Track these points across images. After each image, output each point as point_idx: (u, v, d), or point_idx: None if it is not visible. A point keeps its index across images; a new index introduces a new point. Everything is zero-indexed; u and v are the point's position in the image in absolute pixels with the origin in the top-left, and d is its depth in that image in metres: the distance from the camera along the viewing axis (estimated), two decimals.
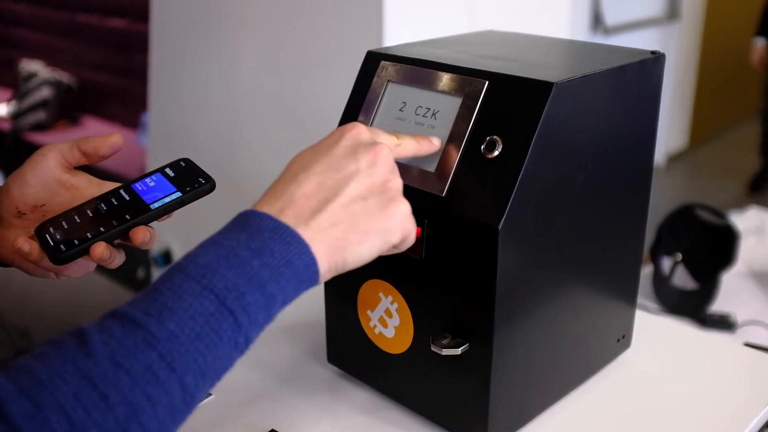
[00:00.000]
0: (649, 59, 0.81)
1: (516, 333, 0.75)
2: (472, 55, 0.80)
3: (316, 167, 0.62)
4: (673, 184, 4.28)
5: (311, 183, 0.60)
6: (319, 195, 0.60)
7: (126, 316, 0.52)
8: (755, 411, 0.85)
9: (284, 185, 0.61)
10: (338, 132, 0.65)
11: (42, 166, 0.74)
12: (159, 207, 0.71)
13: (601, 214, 0.82)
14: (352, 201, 0.60)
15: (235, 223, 0.59)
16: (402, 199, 0.63)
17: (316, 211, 0.59)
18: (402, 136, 0.70)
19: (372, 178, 0.62)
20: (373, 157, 0.62)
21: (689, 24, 4.32)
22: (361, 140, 0.64)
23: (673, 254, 1.76)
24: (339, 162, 0.62)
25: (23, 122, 4.00)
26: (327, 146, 0.63)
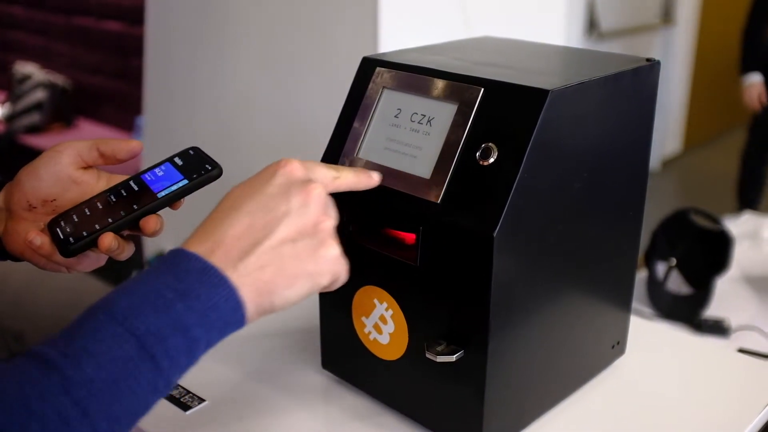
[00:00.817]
0: (644, 66, 0.81)
1: (511, 340, 0.75)
2: (467, 62, 0.80)
3: (246, 206, 0.60)
4: (667, 189, 4.29)
5: (241, 224, 0.59)
6: (249, 236, 0.59)
7: (44, 358, 0.51)
8: (750, 417, 0.85)
9: (215, 224, 0.60)
10: (272, 168, 0.63)
11: (56, 162, 0.75)
12: (166, 195, 0.71)
13: (597, 222, 0.82)
14: (282, 244, 0.59)
15: (164, 261, 0.58)
16: (332, 242, 0.62)
17: (244, 254, 0.58)
18: (341, 169, 0.69)
19: (303, 219, 0.61)
20: (305, 198, 0.61)
21: (684, 29, 4.33)
22: (294, 178, 0.62)
23: (667, 259, 1.76)
24: (270, 202, 0.61)
25: (17, 125, 3.99)
26: (259, 183, 0.62)
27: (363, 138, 0.79)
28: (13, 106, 4.06)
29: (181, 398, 0.87)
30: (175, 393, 0.87)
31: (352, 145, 0.80)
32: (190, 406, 0.86)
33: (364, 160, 0.78)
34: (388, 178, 0.76)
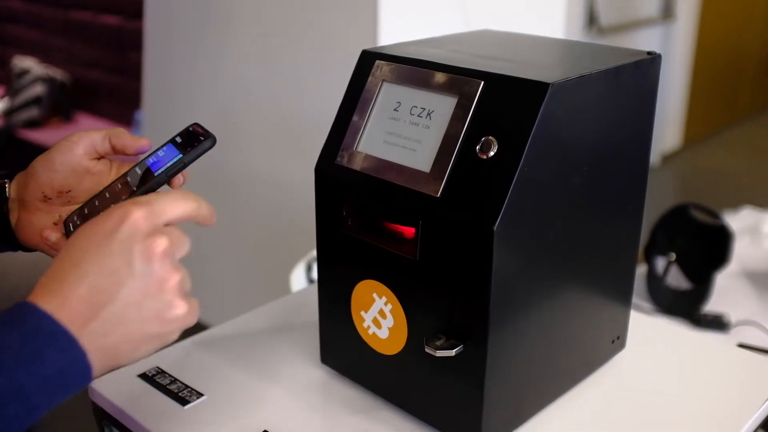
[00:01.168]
0: (646, 60, 0.80)
1: (511, 334, 0.74)
2: (467, 55, 0.80)
3: (89, 265, 0.57)
4: (667, 184, 4.28)
5: (84, 284, 0.56)
6: (93, 299, 0.56)
7: None
8: (750, 412, 0.85)
9: (62, 276, 0.57)
10: (114, 219, 0.58)
11: (71, 153, 0.75)
12: (162, 172, 0.72)
13: (597, 216, 0.81)
14: (126, 308, 0.57)
15: (11, 318, 0.55)
16: (179, 301, 0.60)
17: (89, 319, 0.56)
18: (200, 200, 0.64)
19: (146, 281, 0.58)
20: (149, 257, 0.58)
21: (684, 24, 4.31)
22: (137, 232, 0.58)
23: (667, 254, 1.75)
24: (112, 262, 0.57)
25: (16, 119, 3.98)
26: (103, 236, 0.58)
27: (362, 131, 0.79)
28: (11, 100, 4.05)
29: (179, 393, 0.86)
30: (173, 388, 0.87)
31: (351, 139, 0.79)
32: (189, 400, 0.85)
33: (363, 153, 0.78)
34: (387, 171, 0.75)
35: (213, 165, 2.51)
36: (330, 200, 0.81)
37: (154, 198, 0.60)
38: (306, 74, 2.16)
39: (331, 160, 0.80)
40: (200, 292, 2.46)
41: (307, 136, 2.15)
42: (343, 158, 0.79)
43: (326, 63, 2.09)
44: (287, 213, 2.28)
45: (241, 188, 2.44)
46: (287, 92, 2.23)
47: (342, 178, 0.79)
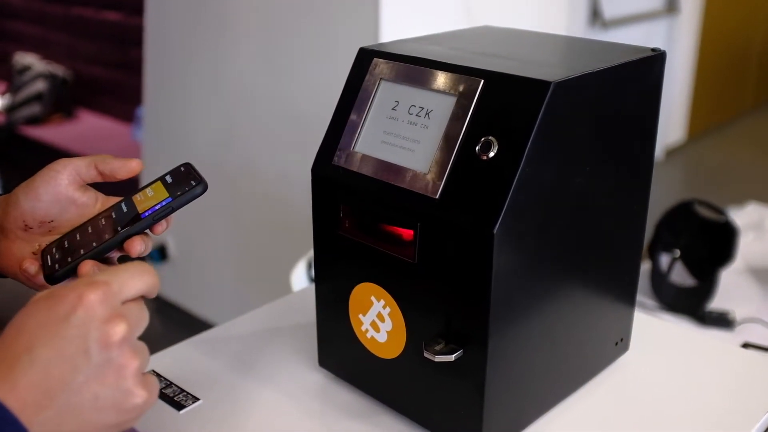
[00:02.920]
0: (650, 57, 0.79)
1: (511, 338, 0.73)
2: (467, 53, 0.78)
3: (42, 350, 0.52)
4: (671, 179, 4.26)
5: (36, 371, 0.52)
6: (46, 386, 0.52)
7: None
8: (757, 416, 0.83)
9: (12, 359, 0.52)
10: (70, 302, 0.54)
11: (56, 183, 0.72)
12: (149, 215, 0.70)
13: (600, 217, 0.80)
14: (82, 397, 0.53)
15: None
16: (138, 390, 0.55)
17: (41, 407, 0.52)
18: (155, 273, 0.60)
19: (104, 369, 0.54)
20: (106, 344, 0.53)
21: (688, 18, 4.29)
22: (94, 318, 0.54)
23: (671, 251, 1.74)
24: (67, 348, 0.53)
25: (17, 115, 3.97)
26: (57, 319, 0.53)
27: (360, 131, 0.77)
28: (13, 97, 4.04)
29: (174, 397, 0.85)
30: (168, 392, 0.86)
31: (348, 139, 0.78)
32: (184, 405, 0.84)
33: (360, 153, 0.76)
34: (385, 172, 0.74)
35: (215, 160, 2.50)
36: (327, 202, 0.80)
37: (111, 277, 0.56)
38: (307, 71, 2.15)
39: (327, 160, 0.79)
40: (201, 291, 2.47)
41: (308, 133, 2.14)
42: (340, 159, 0.78)
43: (328, 59, 2.08)
44: (288, 211, 2.27)
45: (241, 185, 2.43)
46: (289, 89, 2.21)
47: (339, 179, 0.77)
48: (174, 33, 2.56)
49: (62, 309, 0.54)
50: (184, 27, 2.51)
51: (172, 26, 2.56)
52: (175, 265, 2.77)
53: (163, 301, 2.87)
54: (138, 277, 0.58)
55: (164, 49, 2.61)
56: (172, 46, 2.58)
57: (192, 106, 2.55)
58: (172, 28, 2.56)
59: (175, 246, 2.74)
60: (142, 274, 0.58)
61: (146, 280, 0.58)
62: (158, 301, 2.89)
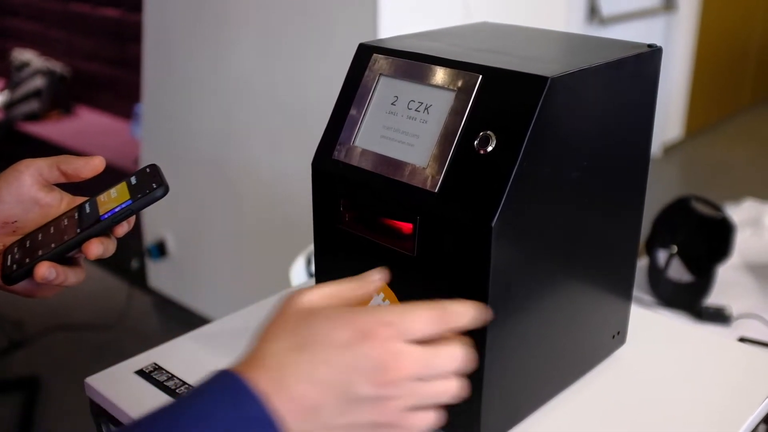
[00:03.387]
0: (646, 53, 0.80)
1: (509, 331, 0.74)
2: (465, 48, 0.79)
3: (324, 370, 0.52)
4: (668, 176, 4.27)
5: (314, 388, 0.52)
6: (315, 404, 0.52)
7: None
8: (752, 408, 0.84)
9: (288, 368, 0.53)
10: (360, 331, 0.53)
11: (18, 183, 0.73)
12: (108, 218, 0.69)
13: (597, 211, 0.80)
14: (338, 423, 0.53)
15: (229, 393, 0.52)
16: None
17: (305, 422, 0.52)
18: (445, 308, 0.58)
19: (366, 405, 0.53)
20: (378, 382, 0.53)
21: (686, 15, 4.30)
22: (375, 357, 0.53)
23: (668, 247, 1.75)
24: (344, 375, 0.53)
25: (16, 112, 3.98)
26: (341, 345, 0.53)
27: (359, 126, 0.78)
28: (11, 93, 4.04)
29: (176, 389, 0.86)
30: (170, 384, 0.86)
31: (348, 134, 0.78)
32: None
33: (360, 148, 0.77)
34: (384, 166, 0.75)
35: (214, 156, 2.51)
36: (327, 196, 0.80)
37: (398, 317, 0.55)
38: (306, 67, 2.15)
39: (327, 155, 0.79)
40: (199, 287, 2.47)
41: (307, 129, 2.14)
42: (340, 153, 0.78)
43: (327, 56, 2.08)
44: (287, 206, 2.28)
45: (240, 181, 2.43)
46: (287, 85, 2.22)
47: (339, 173, 0.78)
48: (173, 29, 2.56)
49: (345, 335, 0.53)
50: (182, 23, 2.51)
51: (170, 23, 2.56)
52: (173, 262, 2.78)
53: (162, 297, 2.88)
54: (428, 322, 0.56)
55: (163, 46, 2.62)
56: (171, 42, 2.58)
57: (191, 102, 2.56)
58: (171, 25, 2.56)
59: (173, 242, 2.74)
60: (431, 320, 0.56)
61: (435, 324, 0.56)
62: (157, 298, 2.90)
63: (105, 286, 2.99)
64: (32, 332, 2.71)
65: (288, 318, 0.55)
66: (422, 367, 0.55)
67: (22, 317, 2.76)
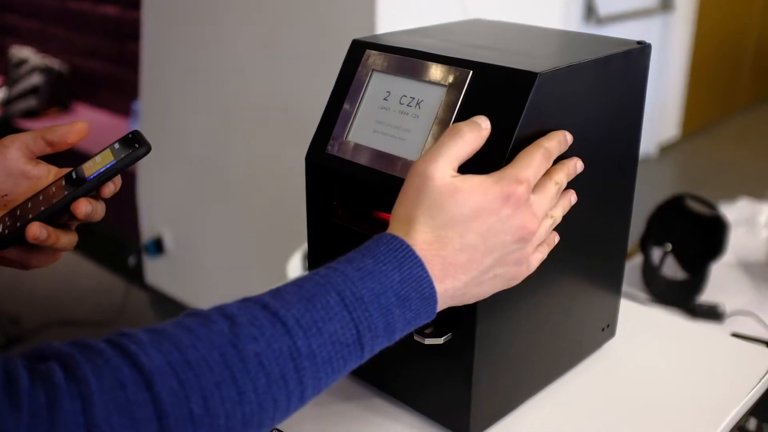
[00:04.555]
0: (635, 49, 0.81)
1: (499, 322, 0.75)
2: (457, 44, 0.80)
3: (472, 237, 0.63)
4: (665, 175, 4.29)
5: (463, 254, 0.63)
6: (465, 265, 0.63)
7: (278, 316, 0.55)
8: (738, 399, 0.85)
9: (443, 240, 0.63)
10: (504, 194, 0.64)
11: (4, 158, 0.74)
12: (94, 177, 0.71)
13: (585, 204, 0.81)
14: (485, 277, 0.65)
15: (392, 253, 0.61)
16: (525, 271, 0.69)
17: (455, 280, 0.63)
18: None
19: (510, 256, 0.66)
20: (521, 237, 0.65)
21: (683, 14, 4.31)
22: (518, 216, 0.65)
23: (662, 244, 1.76)
24: (491, 239, 0.64)
25: (14, 109, 3.98)
26: (489, 212, 0.64)
27: (352, 121, 0.79)
28: (9, 90, 4.05)
29: None
30: None
31: (341, 128, 0.80)
32: None
33: (353, 142, 0.78)
34: (377, 160, 0.76)
35: (209, 154, 2.52)
36: (320, 190, 0.81)
37: (523, 171, 0.66)
38: (304, 64, 2.16)
39: (321, 149, 0.80)
40: (197, 283, 2.48)
41: (304, 125, 2.15)
42: (333, 147, 0.79)
43: (324, 52, 2.09)
44: (284, 202, 2.29)
45: (237, 178, 2.44)
46: (285, 81, 2.23)
47: (332, 167, 0.79)
48: (171, 27, 2.57)
49: (494, 204, 0.64)
50: (180, 21, 2.52)
51: (168, 20, 2.57)
52: (171, 258, 2.79)
53: (159, 294, 2.89)
54: (542, 164, 0.68)
55: (161, 43, 2.62)
56: (169, 40, 2.59)
57: (188, 99, 2.57)
58: (169, 22, 2.57)
59: (171, 239, 2.75)
60: (544, 160, 0.68)
61: (548, 162, 0.70)
62: (154, 294, 2.91)
63: (102, 283, 3.00)
64: (29, 328, 2.72)
65: (431, 196, 0.64)
66: (545, 208, 0.68)
67: (19, 313, 2.77)
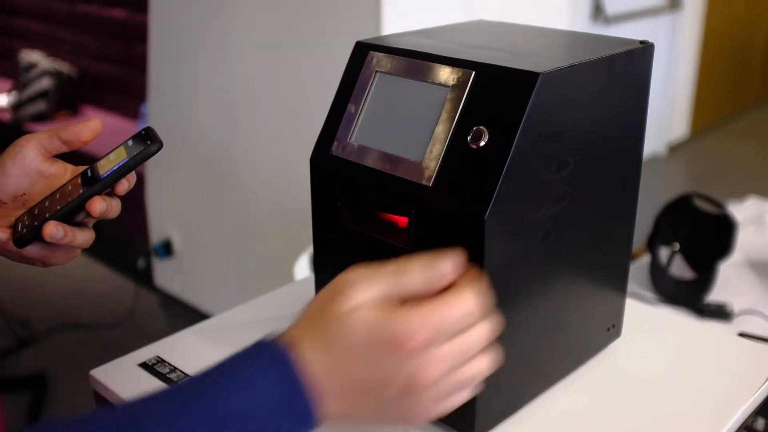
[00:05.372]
0: (638, 49, 0.81)
1: (503, 322, 0.75)
2: (459, 45, 0.80)
3: (358, 372, 0.55)
4: (674, 174, 4.28)
5: (347, 382, 0.56)
6: (348, 396, 0.56)
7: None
8: (744, 398, 0.85)
9: (334, 348, 0.56)
10: (399, 340, 0.54)
11: (21, 157, 0.75)
12: (108, 175, 0.72)
13: (589, 204, 0.82)
14: (374, 415, 0.57)
15: (271, 366, 0.57)
16: (419, 419, 0.57)
17: (335, 406, 0.56)
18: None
19: (401, 401, 0.56)
20: (413, 387, 0.55)
21: (690, 13, 4.30)
22: (412, 363, 0.55)
23: (670, 244, 1.75)
24: (381, 377, 0.55)
25: (23, 113, 4.00)
26: (381, 352, 0.55)
27: (357, 122, 0.80)
28: (19, 94, 4.07)
29: (179, 382, 0.87)
30: (173, 377, 0.88)
31: (345, 130, 0.80)
32: None
33: (357, 144, 0.79)
34: (381, 161, 0.76)
35: (217, 157, 2.53)
36: (325, 191, 0.82)
37: (438, 318, 0.56)
38: (310, 65, 2.17)
39: (326, 150, 0.81)
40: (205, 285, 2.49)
41: (310, 126, 2.15)
42: (337, 149, 0.80)
43: (330, 53, 2.10)
44: (292, 203, 2.29)
45: (245, 180, 2.45)
46: (292, 84, 2.24)
47: (336, 169, 0.80)
48: (178, 29, 2.58)
49: (388, 343, 0.55)
50: (187, 23, 2.53)
51: (176, 23, 2.58)
52: (180, 260, 2.80)
53: (168, 296, 2.90)
54: (454, 314, 0.56)
55: (169, 46, 2.64)
56: (177, 42, 2.60)
57: (196, 102, 2.58)
58: (176, 25, 2.58)
59: (180, 241, 2.76)
60: (459, 313, 0.57)
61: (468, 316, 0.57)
62: (164, 296, 2.92)
63: (112, 286, 3.01)
64: (40, 331, 2.73)
65: (328, 315, 0.59)
66: (451, 364, 0.56)
67: (29, 316, 2.78)
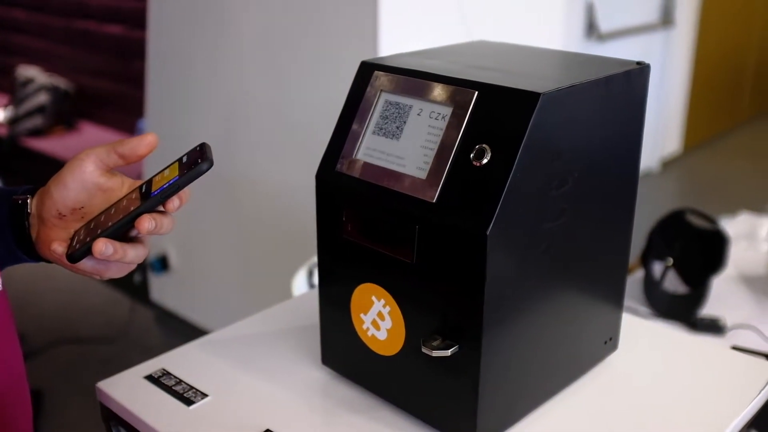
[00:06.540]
0: (635, 70, 0.83)
1: (504, 335, 0.77)
2: (462, 66, 0.82)
3: None
4: (667, 190, 4.31)
5: None
6: None
7: None
8: (738, 410, 0.87)
9: None
10: None
11: (81, 171, 0.77)
12: (158, 194, 0.73)
13: (588, 220, 0.84)
14: None
15: None
16: None
17: None
18: None
19: None
20: None
21: (683, 30, 4.34)
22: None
23: (664, 259, 1.77)
24: None
25: (20, 128, 4.01)
26: None
27: (361, 139, 0.82)
28: (15, 109, 4.08)
29: (184, 393, 0.89)
30: (178, 389, 0.89)
31: (350, 147, 0.82)
32: (194, 401, 0.88)
33: (362, 161, 0.81)
34: (385, 178, 0.78)
35: (217, 172, 2.54)
36: (330, 206, 0.84)
37: None
38: (307, 82, 2.19)
39: (331, 167, 0.83)
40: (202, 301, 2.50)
41: (308, 143, 2.17)
42: (342, 165, 0.82)
43: (327, 71, 2.12)
44: (288, 219, 2.31)
45: (242, 196, 2.46)
46: (289, 100, 2.25)
47: (341, 184, 0.82)
48: (176, 46, 2.60)
49: None
50: (185, 40, 2.55)
51: (174, 39, 2.60)
52: (176, 275, 2.81)
53: (165, 311, 2.90)
54: None
55: (166, 62, 2.65)
56: (174, 59, 2.62)
57: (193, 117, 2.59)
58: (174, 42, 2.60)
59: (176, 256, 2.77)
60: None
61: None
62: (160, 311, 2.92)
63: (108, 300, 3.02)
64: (36, 345, 2.73)
65: None
66: None
67: (25, 330, 2.79)
